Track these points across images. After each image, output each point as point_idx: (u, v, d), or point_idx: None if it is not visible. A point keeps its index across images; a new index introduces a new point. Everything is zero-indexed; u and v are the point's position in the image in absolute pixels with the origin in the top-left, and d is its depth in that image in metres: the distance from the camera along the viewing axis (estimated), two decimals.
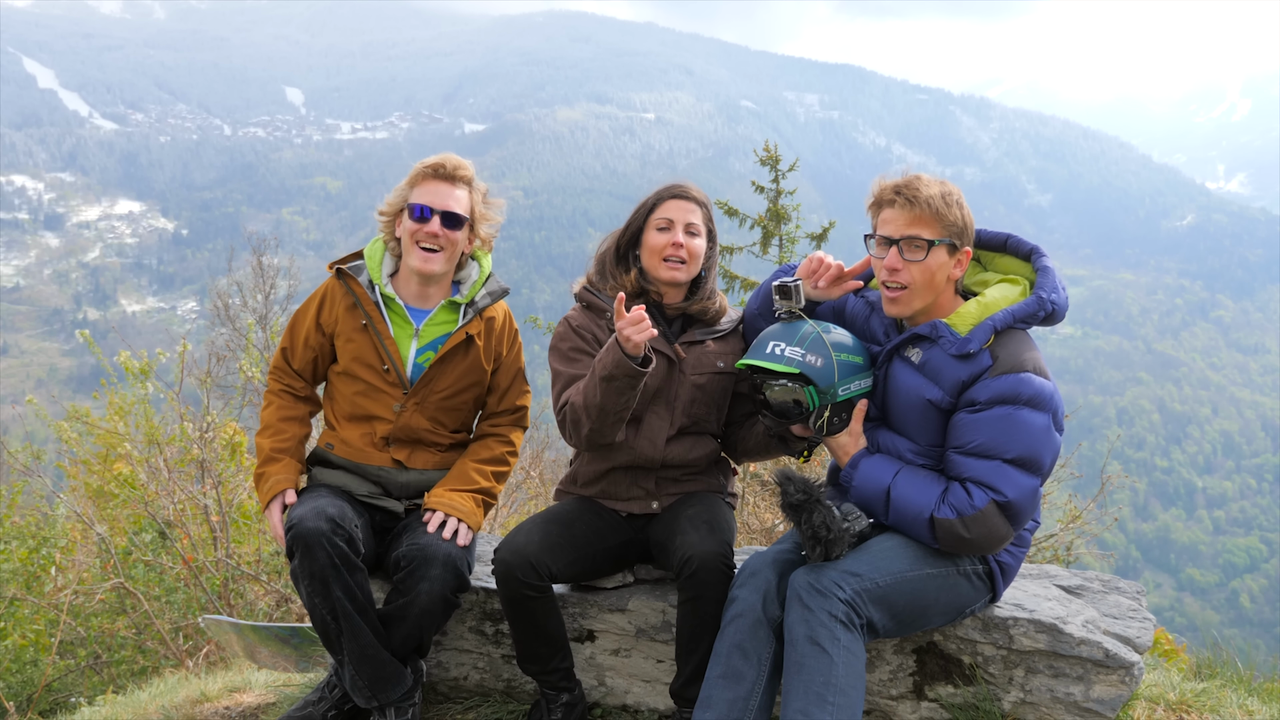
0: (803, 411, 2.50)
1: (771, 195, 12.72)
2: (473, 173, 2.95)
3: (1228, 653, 3.47)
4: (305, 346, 2.99)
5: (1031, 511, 2.40)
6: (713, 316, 2.90)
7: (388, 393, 2.91)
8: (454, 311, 2.97)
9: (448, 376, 2.94)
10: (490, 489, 2.97)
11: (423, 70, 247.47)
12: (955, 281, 2.50)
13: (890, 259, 2.44)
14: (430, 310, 2.95)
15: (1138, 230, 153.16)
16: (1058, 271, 2.49)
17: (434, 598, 2.66)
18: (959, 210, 2.42)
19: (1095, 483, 7.57)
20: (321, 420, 3.15)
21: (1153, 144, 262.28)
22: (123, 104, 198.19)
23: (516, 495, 8.14)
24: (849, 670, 2.24)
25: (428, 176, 2.89)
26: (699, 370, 2.82)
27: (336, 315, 2.95)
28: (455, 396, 2.97)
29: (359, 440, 2.92)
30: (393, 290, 2.94)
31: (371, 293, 2.92)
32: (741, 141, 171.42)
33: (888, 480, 2.46)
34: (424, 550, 2.67)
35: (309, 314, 2.99)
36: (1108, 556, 8.29)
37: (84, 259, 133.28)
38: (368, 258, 2.96)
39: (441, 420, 2.98)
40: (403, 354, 2.92)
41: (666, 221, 2.82)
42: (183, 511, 6.03)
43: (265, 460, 2.92)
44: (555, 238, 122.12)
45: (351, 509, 2.76)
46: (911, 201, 2.40)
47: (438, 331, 2.94)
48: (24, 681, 5.34)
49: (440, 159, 2.91)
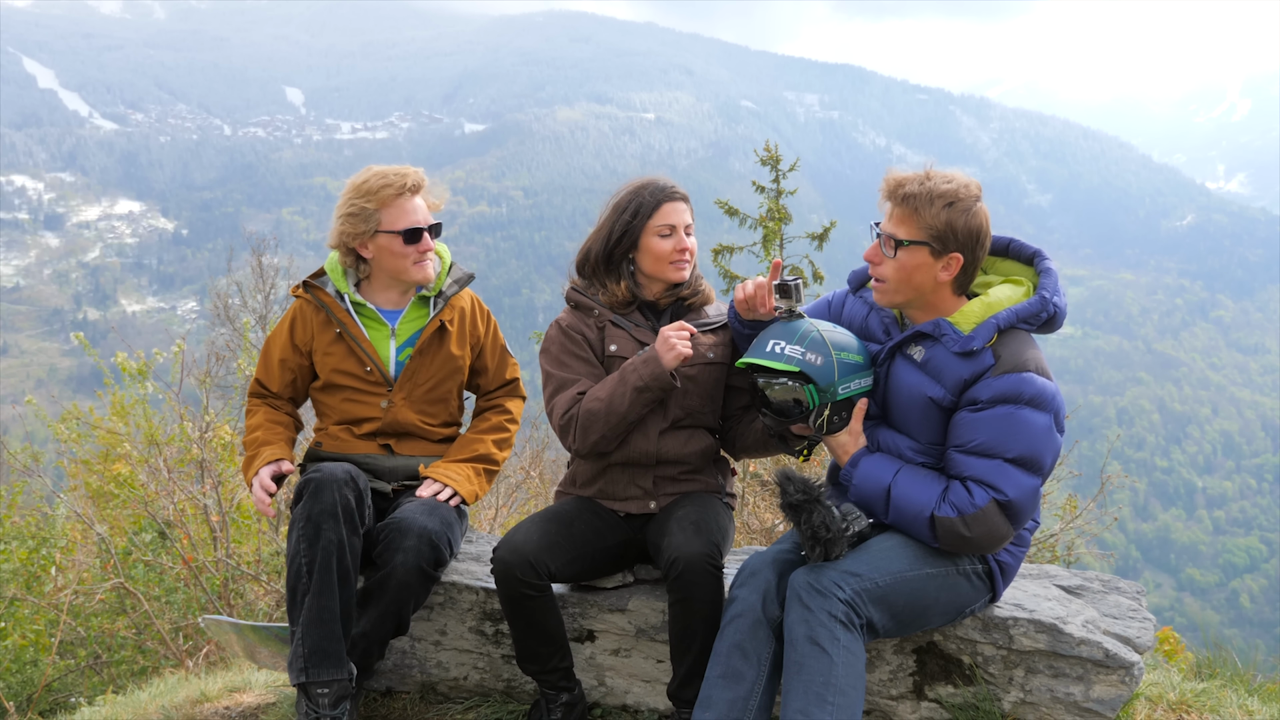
0: (803, 410, 2.50)
1: (772, 195, 12.72)
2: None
3: (1228, 653, 3.48)
4: (283, 368, 3.03)
5: (1032, 511, 2.40)
6: (701, 301, 2.93)
7: (373, 392, 2.97)
8: (425, 306, 3.05)
9: (429, 367, 3.02)
10: (490, 454, 3.05)
11: (423, 70, 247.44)
12: (948, 284, 2.47)
13: (869, 251, 2.49)
14: (403, 309, 3.04)
15: (1138, 230, 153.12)
16: (1060, 276, 2.50)
17: (409, 570, 2.66)
18: (946, 213, 2.37)
19: (1095, 483, 7.56)
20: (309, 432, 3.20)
21: (1153, 144, 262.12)
22: (123, 104, 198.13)
23: (516, 495, 8.13)
24: (849, 670, 2.24)
25: (400, 195, 2.89)
26: (689, 362, 2.81)
27: (311, 332, 3.00)
28: (439, 386, 3.05)
29: (347, 435, 2.99)
30: (362, 296, 3.01)
31: (341, 301, 2.98)
32: (741, 141, 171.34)
33: (888, 479, 2.46)
34: (399, 524, 2.70)
35: (282, 336, 3.03)
36: (1108, 556, 8.30)
37: (84, 259, 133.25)
38: (329, 271, 3.00)
39: (429, 412, 3.04)
40: (382, 354, 2.99)
41: (669, 228, 2.81)
42: (183, 511, 6.03)
43: (257, 444, 2.96)
44: (555, 238, 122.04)
45: (362, 481, 2.79)
46: (894, 198, 2.43)
47: (414, 327, 3.03)
48: (24, 681, 5.34)
49: (401, 174, 2.91)
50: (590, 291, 2.90)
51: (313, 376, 3.07)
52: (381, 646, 2.81)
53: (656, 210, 2.81)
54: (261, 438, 2.97)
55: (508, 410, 3.19)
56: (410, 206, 2.91)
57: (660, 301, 2.89)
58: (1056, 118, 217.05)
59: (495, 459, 3.08)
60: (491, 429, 3.12)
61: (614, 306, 2.86)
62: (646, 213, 2.81)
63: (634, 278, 2.87)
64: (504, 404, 3.20)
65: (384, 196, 2.87)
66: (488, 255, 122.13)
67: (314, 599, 2.60)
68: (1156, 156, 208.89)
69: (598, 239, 2.88)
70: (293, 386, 3.06)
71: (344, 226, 2.91)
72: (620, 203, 2.85)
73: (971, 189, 2.42)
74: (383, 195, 2.87)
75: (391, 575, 2.67)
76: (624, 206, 2.84)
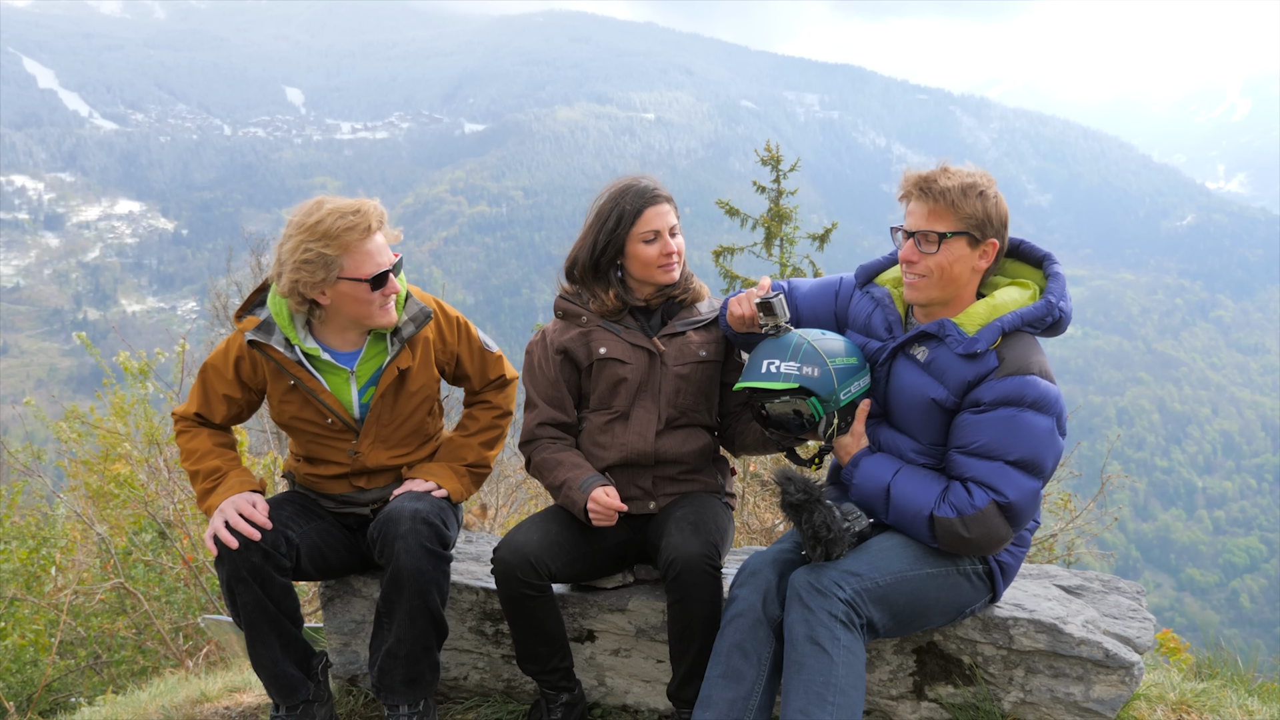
0: (804, 421, 2.50)
1: (773, 195, 12.74)
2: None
3: (1228, 653, 3.48)
4: (228, 403, 2.78)
5: (1032, 513, 2.40)
6: (693, 299, 2.92)
7: (339, 439, 2.80)
8: (383, 340, 2.78)
9: (395, 407, 2.82)
10: (479, 460, 2.94)
11: (423, 70, 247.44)
12: (982, 273, 2.49)
13: (905, 251, 2.46)
14: (360, 349, 2.77)
15: (1138, 230, 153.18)
16: (1066, 281, 2.50)
17: (413, 553, 2.57)
18: (980, 202, 2.40)
19: (1095, 483, 7.56)
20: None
21: (1152, 144, 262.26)
22: (123, 104, 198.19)
23: (516, 495, 8.13)
24: (849, 670, 2.24)
25: (364, 237, 2.56)
26: (681, 361, 2.83)
27: (263, 375, 2.76)
28: (411, 419, 2.86)
29: (315, 476, 2.89)
30: (315, 340, 2.73)
31: (291, 353, 2.69)
32: (741, 141, 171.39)
33: (888, 478, 2.46)
34: (389, 514, 2.64)
35: (226, 372, 2.76)
36: (1108, 556, 8.30)
37: (84, 259, 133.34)
38: (275, 316, 2.69)
39: (403, 447, 2.88)
40: (344, 400, 2.77)
41: (653, 233, 2.79)
42: (183, 511, 6.03)
43: (217, 475, 2.70)
44: (555, 238, 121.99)
45: (299, 518, 2.75)
46: (928, 194, 2.41)
47: (374, 365, 2.78)
48: (24, 681, 5.34)
49: (361, 212, 2.57)
50: (580, 298, 2.89)
51: (261, 403, 2.87)
52: (427, 654, 2.68)
53: (639, 217, 2.78)
54: (222, 466, 2.72)
55: (497, 406, 3.02)
56: (374, 248, 2.59)
57: (651, 303, 2.89)
58: (1056, 118, 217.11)
59: (485, 461, 2.97)
60: (481, 430, 2.98)
61: (605, 314, 2.85)
62: (629, 221, 2.79)
63: (623, 284, 2.87)
64: (492, 400, 3.03)
65: (347, 241, 2.53)
66: (488, 255, 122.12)
67: (252, 649, 2.68)
68: (1156, 156, 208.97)
69: (583, 248, 2.85)
70: (235, 418, 2.84)
71: (299, 275, 2.54)
72: (602, 210, 2.82)
73: (989, 177, 2.48)
74: (345, 240, 2.53)
75: (400, 568, 2.58)
76: (606, 214, 2.81)
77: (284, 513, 2.73)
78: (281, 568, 2.62)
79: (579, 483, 2.69)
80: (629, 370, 2.80)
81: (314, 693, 2.77)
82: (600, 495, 2.63)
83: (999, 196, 2.45)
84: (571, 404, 2.88)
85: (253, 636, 2.65)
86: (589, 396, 2.87)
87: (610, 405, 2.83)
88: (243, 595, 2.59)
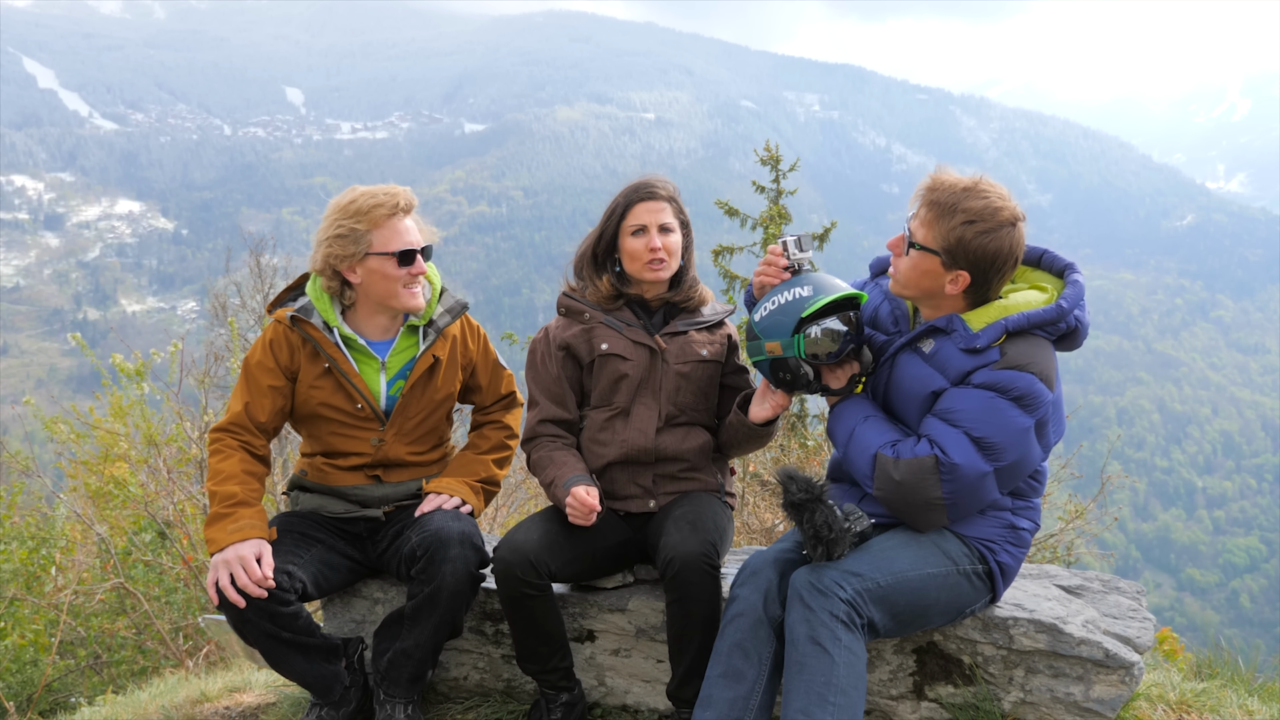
0: (850, 339, 2.51)
1: (773, 195, 12.74)
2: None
3: (1228, 653, 3.48)
4: (274, 395, 2.80)
5: (971, 494, 2.36)
6: (695, 305, 2.94)
7: (363, 427, 2.86)
8: (415, 335, 2.88)
9: (422, 400, 2.89)
10: (492, 476, 2.99)
11: (423, 70, 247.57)
12: (957, 296, 2.44)
13: (892, 240, 2.51)
14: (392, 340, 2.88)
15: (1137, 230, 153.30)
16: (1085, 289, 2.47)
17: (459, 578, 2.63)
18: (963, 230, 2.33)
19: (1095, 483, 7.57)
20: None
21: (1152, 144, 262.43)
22: (123, 104, 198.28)
23: (516, 495, 8.13)
24: (850, 670, 2.24)
25: (393, 215, 2.72)
26: (682, 360, 2.84)
27: (299, 361, 2.82)
28: (431, 417, 2.94)
29: (332, 468, 2.90)
30: (349, 327, 2.83)
31: (330, 335, 2.79)
32: (741, 141, 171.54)
33: (859, 419, 2.51)
34: (438, 534, 2.64)
35: (268, 362, 2.81)
36: (1108, 556, 8.30)
37: (84, 259, 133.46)
38: (314, 300, 2.80)
39: (420, 444, 2.96)
40: (374, 389, 2.84)
41: (639, 227, 2.82)
42: (182, 511, 6.03)
43: (234, 501, 2.64)
44: (555, 238, 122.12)
45: (299, 547, 2.74)
46: (925, 200, 2.43)
47: (405, 358, 2.88)
48: (24, 681, 5.34)
49: (392, 194, 2.73)
50: (582, 292, 2.92)
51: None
52: (435, 654, 2.76)
53: (629, 211, 2.84)
54: (240, 495, 2.66)
55: (507, 425, 3.08)
56: (403, 227, 2.73)
57: (653, 302, 2.91)
58: (1056, 118, 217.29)
59: (496, 479, 3.02)
60: (493, 448, 3.03)
61: (602, 303, 2.89)
62: (620, 214, 2.86)
63: (619, 275, 2.91)
64: (502, 419, 3.09)
65: (376, 217, 2.69)
66: (488, 255, 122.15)
67: (277, 667, 2.73)
68: (1156, 156, 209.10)
69: (589, 240, 2.94)
70: (280, 414, 2.85)
71: (331, 249, 2.71)
72: (609, 204, 2.91)
73: (1003, 213, 2.34)
74: (374, 215, 2.69)
75: (441, 588, 2.62)
76: (609, 208, 2.90)
77: (284, 546, 2.72)
78: (287, 603, 2.62)
79: (564, 481, 2.70)
80: (630, 366, 2.82)
81: (350, 679, 2.82)
82: (579, 493, 2.62)
83: (1000, 237, 2.33)
84: (573, 401, 2.89)
85: (273, 659, 2.69)
86: (591, 393, 2.89)
87: (611, 402, 2.84)
88: (253, 632, 2.61)
